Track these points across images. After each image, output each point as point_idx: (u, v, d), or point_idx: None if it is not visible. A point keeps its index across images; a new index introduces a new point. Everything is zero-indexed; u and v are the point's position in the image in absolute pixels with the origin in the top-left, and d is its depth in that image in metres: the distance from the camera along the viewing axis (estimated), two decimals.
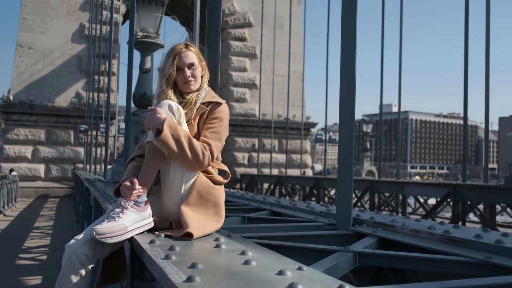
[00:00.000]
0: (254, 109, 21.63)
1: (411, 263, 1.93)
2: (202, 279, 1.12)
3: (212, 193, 1.97)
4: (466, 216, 8.82)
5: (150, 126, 1.90)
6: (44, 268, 6.37)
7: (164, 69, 2.10)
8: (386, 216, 2.71)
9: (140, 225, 1.85)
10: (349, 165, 2.51)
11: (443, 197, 9.05)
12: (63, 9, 19.68)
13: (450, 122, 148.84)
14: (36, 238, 8.80)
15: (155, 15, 7.13)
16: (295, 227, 2.68)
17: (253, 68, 21.96)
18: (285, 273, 1.20)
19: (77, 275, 1.81)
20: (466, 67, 9.83)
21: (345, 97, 2.56)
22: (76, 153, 19.46)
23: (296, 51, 21.52)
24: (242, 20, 22.14)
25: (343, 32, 2.59)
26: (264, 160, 20.98)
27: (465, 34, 9.88)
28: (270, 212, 3.40)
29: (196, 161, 1.90)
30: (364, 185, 11.30)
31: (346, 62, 2.57)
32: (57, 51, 19.50)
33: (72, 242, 1.83)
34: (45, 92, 19.25)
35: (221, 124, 2.05)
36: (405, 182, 11.21)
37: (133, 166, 2.01)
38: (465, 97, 9.90)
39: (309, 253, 2.01)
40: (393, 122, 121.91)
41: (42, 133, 19.01)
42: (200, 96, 2.13)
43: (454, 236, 2.02)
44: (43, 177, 18.88)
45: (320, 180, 13.79)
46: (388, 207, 11.29)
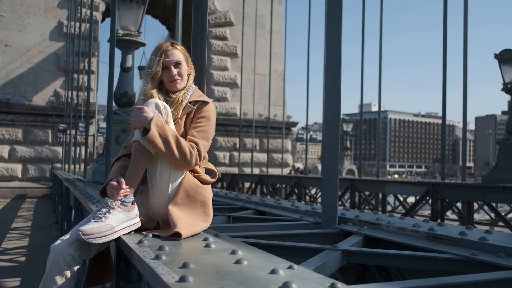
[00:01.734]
0: (235, 108, 21.61)
1: (398, 261, 1.95)
2: (195, 279, 1.11)
3: (200, 193, 1.96)
4: (444, 214, 8.96)
5: (137, 125, 1.88)
6: (23, 269, 6.25)
7: (150, 67, 2.08)
8: (371, 215, 2.74)
9: (127, 225, 1.83)
10: (335, 164, 2.53)
11: (422, 195, 9.17)
12: (40, 6, 19.32)
13: (428, 122, 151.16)
14: (13, 239, 8.62)
15: (137, 12, 7.06)
16: (281, 226, 2.68)
17: (234, 67, 21.93)
18: (277, 272, 1.20)
19: (62, 276, 1.78)
20: (445, 67, 9.98)
21: (330, 96, 2.57)
22: (54, 153, 19.14)
23: (277, 50, 21.55)
24: (223, 19, 22.09)
25: (328, 33, 2.60)
26: (245, 160, 20.98)
27: (444, 35, 10.03)
28: (255, 211, 3.41)
29: (184, 160, 1.89)
30: (345, 184, 11.38)
31: (332, 62, 2.58)
32: (34, 49, 19.14)
33: (58, 243, 1.80)
34: (22, 91, 18.87)
35: (208, 123, 2.04)
36: (386, 181, 11.34)
37: (119, 165, 1.98)
38: (443, 98, 10.05)
39: (297, 251, 2.02)
40: (372, 121, 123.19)
41: (19, 132, 18.64)
42: (187, 94, 2.11)
43: (439, 234, 2.05)
44: (20, 177, 18.51)
45: (301, 179, 13.85)
46: (368, 206, 11.40)
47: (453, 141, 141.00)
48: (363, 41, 13.32)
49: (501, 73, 9.56)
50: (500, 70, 9.58)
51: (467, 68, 9.57)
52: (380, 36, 13.04)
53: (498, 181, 8.85)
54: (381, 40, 13.03)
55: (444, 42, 10.00)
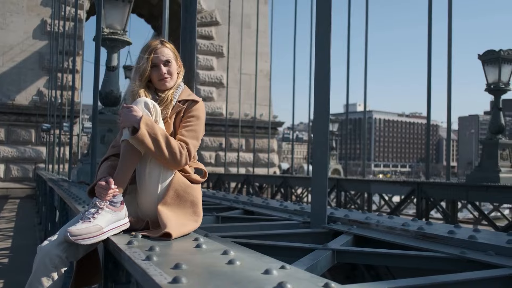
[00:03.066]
0: (221, 108, 21.56)
1: (389, 260, 1.96)
2: (188, 280, 1.10)
3: (190, 192, 1.94)
4: (429, 212, 9.05)
5: (126, 124, 1.85)
6: (6, 271, 6.14)
7: (138, 65, 2.05)
8: (360, 214, 2.75)
9: (116, 226, 1.80)
10: (324, 164, 2.53)
11: (408, 195, 9.25)
12: (23, 4, 19.03)
13: (412, 122, 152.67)
14: None
15: (122, 11, 6.99)
16: (270, 225, 2.68)
17: (220, 67, 21.87)
18: (271, 272, 1.18)
19: (49, 278, 1.74)
20: (429, 68, 10.07)
21: (319, 95, 2.57)
22: (38, 153, 18.87)
23: (263, 50, 21.54)
24: (209, 18, 22.02)
25: (318, 28, 2.59)
26: (231, 159, 20.94)
27: (428, 35, 10.12)
28: (243, 211, 3.39)
29: (174, 160, 1.87)
30: (331, 183, 11.41)
31: (321, 60, 2.58)
32: (17, 47, 18.85)
33: (45, 244, 1.76)
34: (4, 90, 18.57)
35: (198, 122, 2.03)
36: (371, 180, 11.42)
37: (107, 165, 1.95)
38: (428, 98, 10.14)
39: (288, 251, 2.01)
40: (357, 121, 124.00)
41: (1, 132, 18.34)
42: (176, 93, 2.09)
43: (428, 233, 2.06)
44: (2, 178, 18.22)
45: (287, 178, 13.86)
46: (354, 205, 11.46)
47: (436, 140, 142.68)
48: (348, 44, 13.38)
49: (485, 74, 9.68)
50: (484, 71, 9.70)
51: (451, 69, 9.67)
52: (366, 39, 13.10)
53: (482, 180, 8.98)
54: (367, 43, 13.10)
55: (429, 43, 10.09)
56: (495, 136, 9.68)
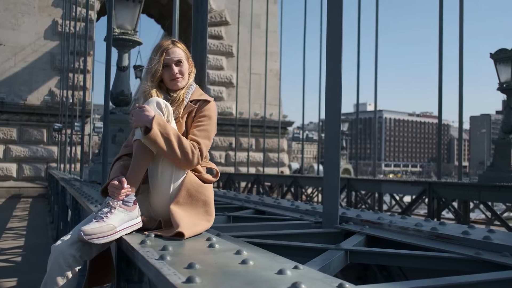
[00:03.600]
0: (231, 108, 21.58)
1: (402, 260, 1.94)
2: (202, 279, 1.10)
3: (202, 192, 1.94)
4: (440, 213, 8.98)
5: (138, 124, 1.86)
6: (19, 270, 6.20)
7: (150, 66, 2.06)
8: (372, 214, 2.73)
9: (128, 225, 1.81)
10: (336, 163, 2.52)
11: (419, 195, 9.19)
12: (35, 5, 19.20)
13: (423, 121, 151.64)
14: (9, 239, 8.56)
15: (133, 11, 7.02)
16: (282, 225, 2.67)
17: (230, 67, 21.90)
18: (285, 272, 1.18)
19: (63, 277, 1.75)
20: (441, 67, 9.99)
21: (331, 95, 2.56)
22: (50, 152, 19.04)
23: (273, 50, 21.53)
24: (218, 18, 22.05)
25: (329, 30, 2.59)
26: (241, 159, 20.95)
27: (440, 34, 10.04)
28: (254, 211, 3.39)
29: (186, 159, 1.87)
30: (341, 183, 11.34)
31: (332, 60, 2.57)
32: (29, 48, 19.02)
33: (59, 243, 1.78)
34: (16, 90, 18.76)
35: (209, 122, 2.03)
36: (382, 180, 11.36)
37: (120, 165, 1.96)
38: (439, 98, 10.06)
39: (300, 251, 2.01)
40: (368, 121, 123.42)
41: (13, 131, 18.53)
42: (188, 93, 2.09)
43: (442, 233, 2.04)
44: (15, 177, 18.41)
45: (297, 178, 13.84)
46: (364, 205, 11.41)
47: (448, 140, 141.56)
48: (358, 42, 13.32)
49: (497, 73, 9.59)
50: (496, 70, 9.61)
51: (463, 68, 9.58)
52: (376, 36, 13.04)
53: (494, 180, 8.89)
54: (377, 41, 13.04)
55: (440, 42, 10.01)
56: (508, 136, 9.58)
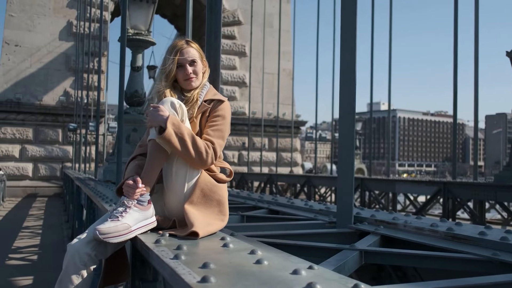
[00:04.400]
0: (244, 108, 21.60)
1: (417, 261, 1.92)
2: (217, 279, 1.10)
3: (216, 192, 1.94)
4: (456, 213, 8.89)
5: (153, 123, 1.87)
6: (35, 268, 6.28)
7: (164, 65, 2.07)
8: (387, 214, 2.71)
9: (143, 224, 1.82)
10: (350, 163, 2.50)
11: (434, 195, 9.11)
12: (50, 6, 19.43)
13: (437, 120, 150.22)
14: (25, 238, 8.68)
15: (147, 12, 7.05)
16: (295, 225, 2.66)
17: (243, 66, 21.92)
18: (299, 272, 1.18)
19: (78, 275, 1.77)
20: (456, 66, 9.89)
21: (345, 94, 2.54)
22: (65, 152, 19.25)
23: (286, 49, 21.51)
24: (231, 18, 22.08)
25: (343, 28, 2.57)
26: (254, 159, 20.96)
27: (455, 33, 9.94)
28: (268, 211, 3.38)
29: (200, 159, 1.88)
30: (355, 183, 11.30)
31: (346, 58, 2.55)
32: (44, 49, 19.26)
33: (75, 242, 1.79)
34: (32, 90, 19.00)
35: (223, 122, 2.03)
36: (396, 180, 11.27)
37: (135, 164, 1.97)
38: (454, 96, 9.96)
39: (314, 251, 2.00)
40: (381, 120, 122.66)
41: (29, 131, 18.78)
42: (202, 93, 2.10)
43: (458, 234, 2.02)
44: (31, 176, 18.66)
45: (310, 178, 13.81)
46: (378, 205, 11.34)
47: (463, 139, 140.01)
48: (372, 41, 13.24)
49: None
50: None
51: (478, 67, 9.47)
52: (390, 34, 12.95)
53: (510, 179, 8.77)
54: (391, 38, 12.94)
55: (455, 41, 9.91)
56: None
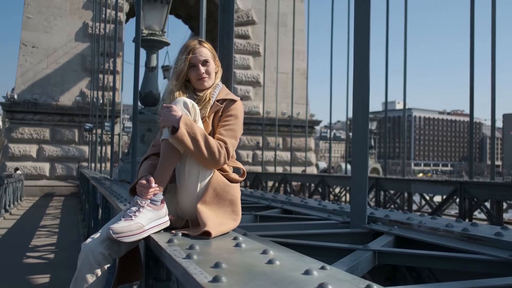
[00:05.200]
0: (258, 107, 21.61)
1: (431, 262, 1.90)
2: (228, 279, 1.10)
3: (228, 191, 1.94)
4: (472, 213, 8.78)
5: (166, 123, 1.87)
6: (52, 266, 6.36)
7: (177, 65, 2.07)
8: (401, 214, 2.68)
9: (156, 224, 1.83)
10: (364, 162, 2.48)
11: (450, 194, 9.01)
12: (66, 8, 19.66)
13: (454, 119, 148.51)
14: (42, 236, 8.80)
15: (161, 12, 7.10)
16: (309, 225, 2.65)
17: (257, 66, 21.92)
18: (311, 273, 1.17)
19: (93, 274, 1.79)
20: (472, 64, 9.76)
21: (359, 93, 2.53)
22: (81, 152, 19.47)
23: (300, 49, 21.47)
24: (245, 17, 22.10)
25: (356, 26, 2.55)
26: (268, 158, 20.95)
27: (471, 31, 9.81)
28: (281, 210, 3.38)
29: (212, 159, 1.88)
30: (370, 182, 11.26)
31: (360, 57, 2.54)
32: (60, 50, 19.50)
33: (89, 241, 1.81)
34: (49, 91, 19.26)
35: (236, 121, 2.03)
36: (411, 180, 11.16)
37: (148, 164, 1.98)
38: (471, 95, 9.84)
39: (327, 251, 1.99)
40: (396, 119, 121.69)
41: (46, 131, 19.03)
42: (214, 93, 2.10)
43: (473, 234, 1.99)
44: (48, 176, 18.91)
45: (325, 177, 13.76)
46: (393, 205, 11.26)
47: (479, 139, 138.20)
48: (387, 39, 13.13)
49: None
50: None
51: (495, 65, 9.32)
52: (405, 32, 12.84)
53: None
54: (406, 36, 12.83)
55: (471, 39, 9.78)
56: None
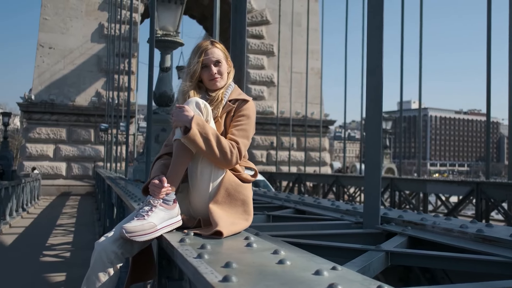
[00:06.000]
0: (272, 107, 21.60)
1: (445, 263, 1.88)
2: (238, 279, 1.10)
3: (240, 191, 1.95)
4: (489, 214, 8.66)
5: (178, 123, 1.88)
6: (68, 265, 6.44)
7: (189, 66, 2.08)
8: (415, 215, 2.66)
9: (169, 223, 1.84)
10: (377, 162, 2.47)
11: (466, 195, 8.90)
12: (82, 9, 19.90)
13: (470, 119, 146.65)
14: (59, 235, 8.92)
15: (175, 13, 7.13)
16: (321, 225, 2.64)
17: (271, 66, 21.92)
18: (322, 273, 1.17)
19: (105, 273, 1.80)
20: (489, 63, 9.63)
21: (372, 92, 2.51)
22: (97, 152, 19.68)
23: (314, 48, 21.40)
24: (259, 17, 22.11)
25: (369, 26, 2.54)
26: (283, 158, 20.93)
27: (488, 31, 9.68)
28: (294, 210, 3.37)
29: (224, 159, 1.88)
30: (385, 182, 11.18)
31: (373, 57, 2.52)
32: (77, 51, 19.74)
33: (102, 240, 1.83)
34: (65, 92, 19.50)
35: (248, 121, 2.03)
36: (427, 180, 11.06)
37: (160, 164, 2.00)
38: (488, 94, 9.71)
39: (339, 252, 1.98)
40: (412, 119, 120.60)
41: (63, 132, 19.28)
42: (226, 93, 2.10)
43: (488, 235, 1.96)
44: (64, 175, 19.15)
45: (339, 177, 13.70)
46: (409, 205, 11.16)
47: (497, 138, 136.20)
48: (402, 37, 13.02)
49: None
50: None
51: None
52: (420, 31, 12.72)
53: None
54: (421, 36, 12.71)
55: (488, 38, 9.65)
56: None
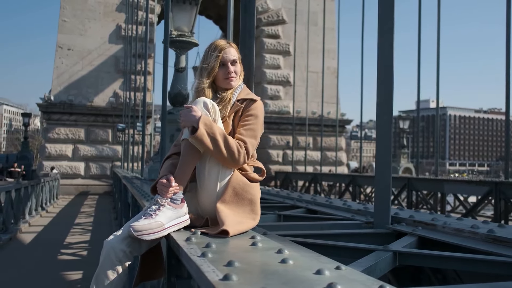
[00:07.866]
0: (288, 107, 21.56)
1: (454, 263, 1.86)
2: (238, 277, 1.10)
3: (248, 191, 1.95)
4: (508, 214, 8.51)
5: (186, 123, 1.90)
6: (85, 263, 6.53)
7: (207, 62, 2.08)
8: (426, 215, 2.63)
9: (176, 222, 1.86)
10: (387, 162, 2.45)
11: (485, 195, 8.76)
12: (100, 11, 20.14)
13: (490, 118, 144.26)
14: (76, 234, 9.04)
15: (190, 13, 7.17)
16: (331, 225, 2.64)
17: (287, 65, 21.87)
18: (323, 272, 1.17)
19: (114, 271, 1.83)
20: (508, 61, 9.46)
21: (382, 92, 2.50)
22: (114, 151, 19.90)
23: (330, 47, 21.29)
24: (275, 17, 22.08)
25: (380, 26, 2.52)
26: (299, 158, 20.88)
27: (507, 29, 9.51)
28: (306, 210, 3.37)
29: (232, 158, 1.89)
30: (402, 182, 11.07)
31: (383, 57, 2.50)
32: (95, 52, 19.99)
33: (110, 238, 1.85)
34: (84, 92, 19.77)
35: (256, 121, 2.03)
36: (445, 180, 10.91)
37: (169, 163, 2.02)
38: (507, 92, 9.54)
39: (347, 252, 1.97)
40: (431, 118, 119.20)
41: (81, 132, 19.54)
42: (235, 93, 2.11)
43: (499, 236, 1.94)
44: (83, 175, 19.41)
45: (356, 177, 13.61)
46: (426, 205, 11.03)
47: None
48: (419, 34, 12.87)
49: None
50: None
51: None
52: (438, 28, 12.55)
53: None
54: (439, 33, 12.55)
55: (508, 35, 9.48)
56: None
